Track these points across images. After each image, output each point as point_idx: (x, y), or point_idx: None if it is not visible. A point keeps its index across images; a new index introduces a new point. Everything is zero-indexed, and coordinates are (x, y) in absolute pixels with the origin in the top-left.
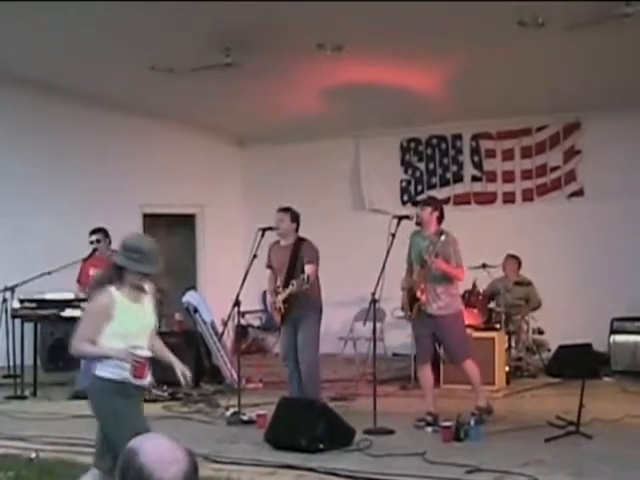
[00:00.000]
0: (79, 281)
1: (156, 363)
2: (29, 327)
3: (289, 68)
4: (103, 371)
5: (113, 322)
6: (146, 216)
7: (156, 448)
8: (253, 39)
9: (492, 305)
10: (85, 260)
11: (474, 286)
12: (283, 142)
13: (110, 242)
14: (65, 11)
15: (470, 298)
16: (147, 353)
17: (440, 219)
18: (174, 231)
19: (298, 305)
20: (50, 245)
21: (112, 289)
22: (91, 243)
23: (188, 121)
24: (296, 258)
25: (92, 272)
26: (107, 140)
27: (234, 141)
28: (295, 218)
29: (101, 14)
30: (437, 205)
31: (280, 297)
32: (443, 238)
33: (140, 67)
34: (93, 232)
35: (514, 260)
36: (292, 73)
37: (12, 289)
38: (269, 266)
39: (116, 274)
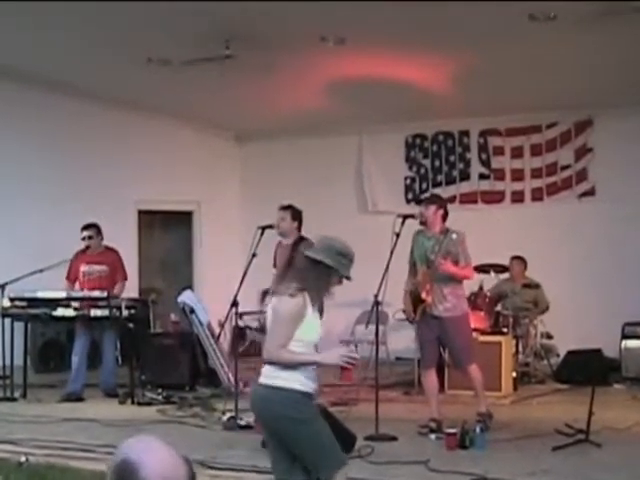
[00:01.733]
0: (68, 277)
1: (150, 365)
2: (19, 326)
3: (290, 61)
4: (292, 382)
5: (300, 328)
6: (141, 213)
7: (159, 462)
8: (253, 31)
9: (499, 308)
10: (76, 256)
11: (480, 288)
12: (283, 138)
13: (102, 238)
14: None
15: (476, 300)
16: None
17: (445, 217)
18: (170, 229)
19: None
20: (42, 242)
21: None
22: (83, 239)
23: (185, 116)
24: (294, 258)
25: (83, 269)
26: (102, 135)
27: (232, 137)
28: (297, 216)
29: (96, 5)
30: (442, 203)
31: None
32: (455, 237)
33: (136, 59)
34: (85, 228)
35: (520, 262)
36: (293, 67)
37: (2, 287)
38: (275, 265)
39: (313, 274)
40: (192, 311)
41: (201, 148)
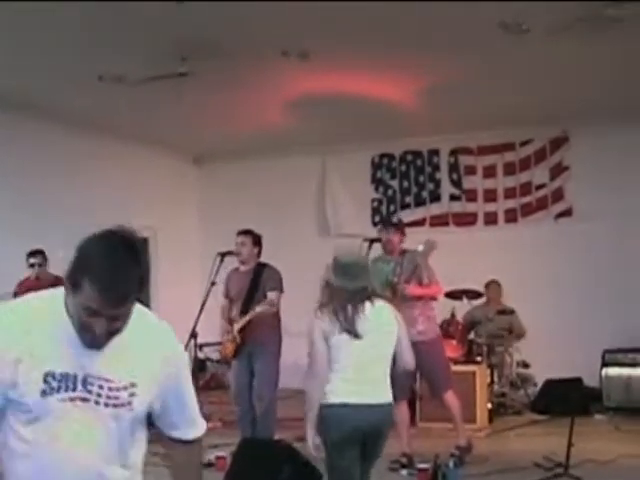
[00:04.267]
0: None
1: None
2: None
3: (250, 78)
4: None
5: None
6: None
7: None
8: (211, 46)
9: (472, 336)
10: (21, 284)
11: (452, 315)
12: (243, 159)
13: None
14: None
15: (448, 328)
16: None
17: (402, 240)
18: None
19: (254, 337)
20: None
21: None
22: (31, 266)
23: (139, 136)
24: (256, 285)
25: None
26: (48, 157)
27: (190, 158)
28: (257, 242)
29: (43, 18)
30: (403, 227)
31: (237, 326)
32: (421, 248)
33: (86, 77)
34: (32, 254)
35: (496, 286)
36: (253, 83)
37: None
38: (226, 295)
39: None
40: None
41: (157, 171)
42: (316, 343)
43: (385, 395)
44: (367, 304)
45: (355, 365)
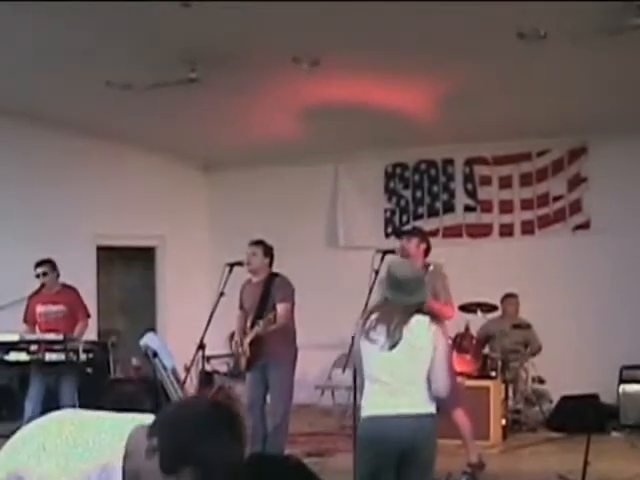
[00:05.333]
0: (26, 320)
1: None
2: None
3: (261, 85)
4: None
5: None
6: (100, 249)
7: None
8: (221, 52)
9: (487, 350)
10: (31, 296)
11: (466, 329)
12: (253, 167)
13: (58, 275)
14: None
15: (462, 342)
16: None
17: (427, 252)
18: (132, 266)
19: (268, 349)
20: None
21: None
22: (37, 277)
23: (148, 144)
24: (267, 296)
25: (40, 310)
26: (56, 163)
27: (199, 166)
28: (268, 252)
29: (51, 23)
30: (424, 236)
31: (246, 339)
32: (431, 268)
33: (94, 83)
34: (39, 264)
35: (513, 299)
36: (264, 91)
37: None
38: (241, 307)
39: None
40: (155, 355)
41: (165, 178)
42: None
43: (416, 406)
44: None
45: (386, 376)
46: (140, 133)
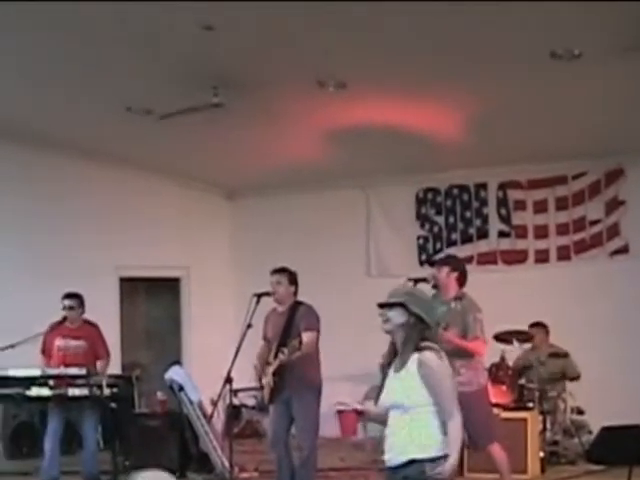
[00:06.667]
0: (43, 352)
1: (135, 449)
2: None
3: (286, 109)
4: None
5: None
6: (123, 280)
7: None
8: (245, 76)
9: (523, 381)
10: (51, 328)
11: (502, 359)
12: (279, 194)
13: (83, 311)
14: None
15: (498, 373)
16: None
17: (461, 281)
18: (155, 297)
19: (292, 382)
20: (13, 314)
21: None
22: (64, 309)
23: (170, 171)
24: (291, 325)
25: (58, 343)
26: (77, 193)
27: (223, 193)
28: (293, 280)
29: (71, 49)
30: (456, 265)
31: (270, 369)
32: (458, 306)
33: (114, 108)
34: (68, 296)
35: (541, 329)
36: (290, 115)
37: None
38: (264, 337)
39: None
40: (181, 389)
41: (188, 207)
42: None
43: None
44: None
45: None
46: (162, 161)
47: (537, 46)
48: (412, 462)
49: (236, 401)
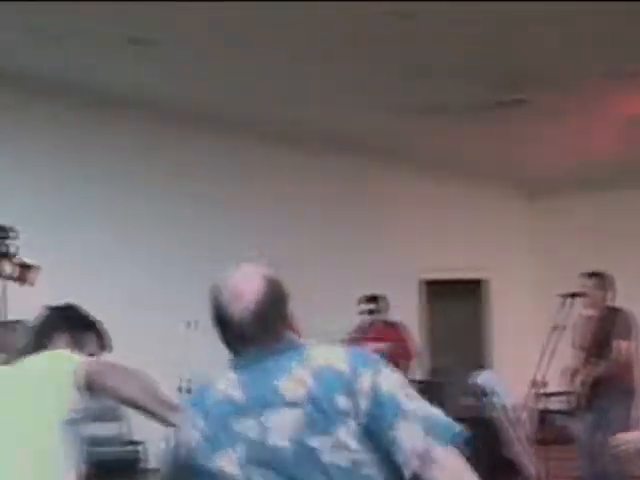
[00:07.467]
0: None
1: None
2: None
3: (579, 103)
4: None
5: None
6: (424, 282)
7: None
8: (545, 71)
9: None
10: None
11: None
12: (585, 193)
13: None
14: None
15: None
16: None
17: None
18: (457, 300)
19: (603, 390)
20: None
21: None
22: (363, 313)
23: (465, 171)
24: (602, 332)
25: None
26: (373, 195)
27: (523, 194)
28: (602, 285)
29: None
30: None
31: (579, 378)
32: None
33: (404, 106)
34: (369, 300)
35: None
36: (583, 108)
37: None
38: (573, 344)
39: None
40: (487, 394)
41: (487, 207)
42: None
43: None
44: None
45: None
46: (455, 160)
47: None
48: None
49: (546, 405)
